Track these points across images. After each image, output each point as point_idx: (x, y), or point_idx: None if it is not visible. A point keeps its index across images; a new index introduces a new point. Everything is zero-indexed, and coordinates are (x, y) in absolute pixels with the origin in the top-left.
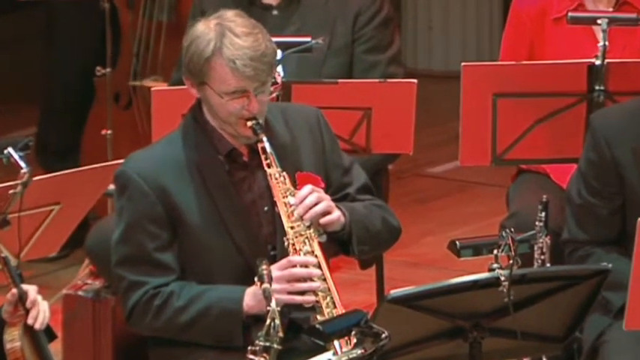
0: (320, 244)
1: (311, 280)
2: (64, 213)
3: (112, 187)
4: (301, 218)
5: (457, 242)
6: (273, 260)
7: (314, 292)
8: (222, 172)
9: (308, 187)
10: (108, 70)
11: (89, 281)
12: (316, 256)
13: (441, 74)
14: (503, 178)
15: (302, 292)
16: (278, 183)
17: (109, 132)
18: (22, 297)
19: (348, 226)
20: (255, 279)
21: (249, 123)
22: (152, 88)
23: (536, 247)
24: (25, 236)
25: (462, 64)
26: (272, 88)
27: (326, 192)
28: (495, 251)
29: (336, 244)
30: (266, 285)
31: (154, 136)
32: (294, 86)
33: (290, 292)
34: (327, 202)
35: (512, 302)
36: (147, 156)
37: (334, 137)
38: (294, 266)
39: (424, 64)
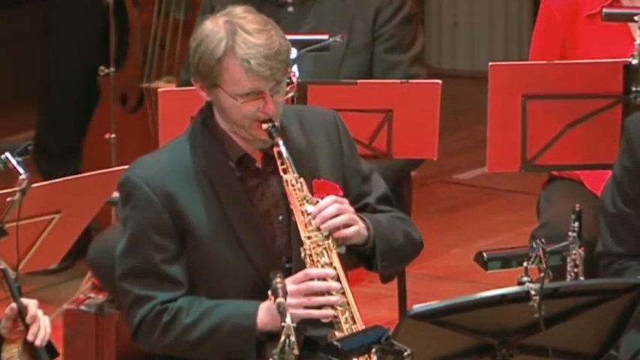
0: (339, 255)
1: (329, 293)
2: (65, 222)
3: (116, 194)
4: (319, 229)
5: (484, 254)
6: (288, 273)
7: (332, 306)
8: (233, 179)
9: (330, 198)
10: (112, 69)
11: (92, 295)
12: (335, 268)
13: (466, 74)
14: (533, 186)
15: (319, 307)
16: (295, 190)
17: (112, 136)
18: (22, 312)
19: (372, 240)
20: (269, 293)
21: (264, 126)
22: (159, 89)
23: (568, 259)
24: (24, 247)
25: (490, 63)
26: (287, 88)
27: None
28: (525, 263)
29: (358, 258)
30: (280, 299)
31: (160, 141)
32: (311, 87)
33: (307, 307)
34: (348, 215)
35: (543, 318)
36: (153, 162)
37: (352, 142)
38: (312, 279)
39: (449, 63)
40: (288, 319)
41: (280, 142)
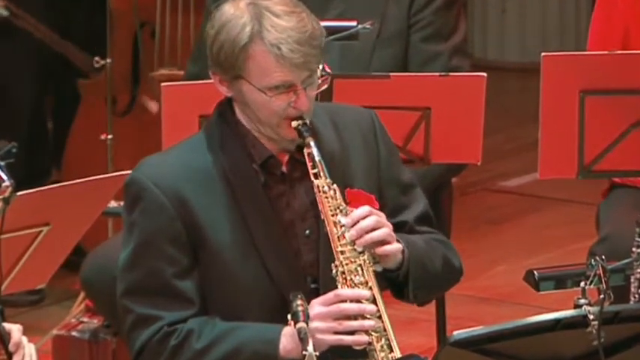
0: (375, 274)
1: (363, 317)
2: (54, 235)
3: (113, 204)
4: (353, 243)
5: (536, 272)
6: (314, 295)
7: (366, 332)
8: (256, 184)
9: (365, 208)
10: (108, 61)
11: (85, 319)
12: (370, 288)
13: (515, 67)
14: (592, 194)
15: (352, 332)
16: (327, 197)
17: (109, 137)
18: (4, 338)
19: (406, 265)
20: (289, 317)
21: (294, 123)
22: (162, 84)
23: (632, 279)
24: (7, 264)
25: (542, 54)
26: (320, 81)
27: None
28: (582, 283)
29: (388, 284)
30: (302, 324)
31: (164, 142)
32: (337, 81)
33: (337, 332)
34: (388, 229)
35: (602, 346)
36: (163, 161)
37: (392, 146)
38: (343, 301)
39: (495, 54)
40: (310, 348)
41: (312, 143)
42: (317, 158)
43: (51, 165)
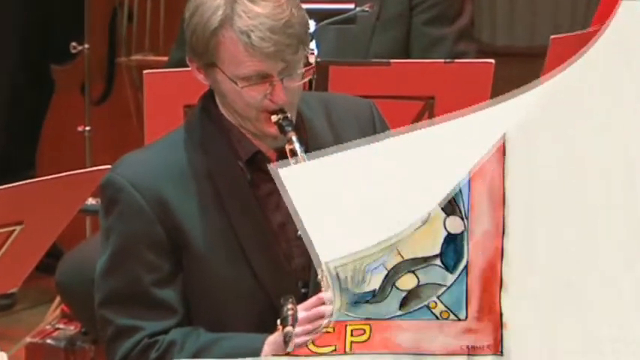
0: None
1: None
2: (28, 235)
3: (91, 201)
4: None
5: None
6: (304, 300)
7: None
8: (242, 182)
9: None
10: (86, 46)
11: (61, 326)
12: None
13: (525, 51)
14: None
15: None
16: None
17: (87, 128)
18: None
19: None
20: (278, 322)
21: (274, 117)
22: (144, 71)
23: None
24: None
25: (552, 37)
26: (303, 71)
27: None
28: None
29: None
30: (289, 328)
31: (146, 134)
32: (333, 68)
33: (311, 333)
34: None
35: None
36: (142, 160)
37: None
38: (324, 304)
39: (504, 38)
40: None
41: (294, 138)
42: (300, 154)
43: (30, 159)
